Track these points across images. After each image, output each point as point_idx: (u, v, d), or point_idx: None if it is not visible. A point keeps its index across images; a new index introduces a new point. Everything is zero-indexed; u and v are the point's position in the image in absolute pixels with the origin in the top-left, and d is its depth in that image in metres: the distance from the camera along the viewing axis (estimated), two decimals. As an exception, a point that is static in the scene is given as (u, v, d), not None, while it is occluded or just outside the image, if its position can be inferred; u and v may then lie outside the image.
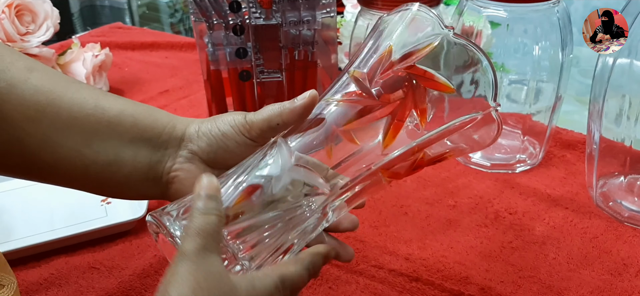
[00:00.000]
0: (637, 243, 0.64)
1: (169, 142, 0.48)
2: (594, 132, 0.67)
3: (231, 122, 0.47)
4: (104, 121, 0.47)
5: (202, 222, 0.39)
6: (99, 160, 0.47)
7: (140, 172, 0.48)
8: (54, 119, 0.46)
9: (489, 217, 0.68)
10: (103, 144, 0.47)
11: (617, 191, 0.69)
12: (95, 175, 0.48)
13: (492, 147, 0.79)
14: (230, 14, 0.74)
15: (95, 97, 0.48)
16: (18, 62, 0.46)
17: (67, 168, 0.47)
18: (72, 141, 0.46)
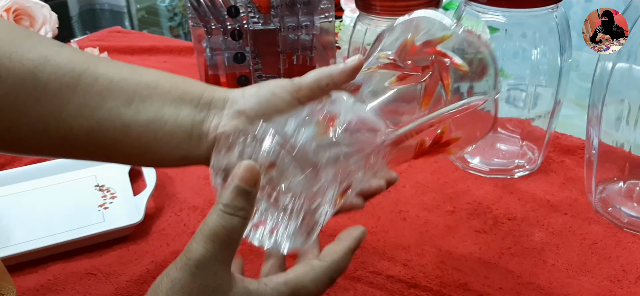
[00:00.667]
0: (636, 249, 0.63)
1: (211, 103, 0.47)
2: (592, 137, 0.67)
3: (279, 84, 0.47)
4: (142, 84, 0.46)
5: (221, 223, 0.36)
6: (139, 120, 0.45)
7: (183, 129, 0.46)
8: (92, 84, 0.44)
9: (487, 222, 0.68)
10: (143, 104, 0.45)
11: (616, 197, 0.69)
12: (137, 136, 0.45)
13: (490, 152, 0.79)
14: (228, 19, 0.74)
15: (129, 66, 0.47)
16: (47, 40, 0.45)
17: (106, 131, 0.45)
18: (112, 102, 0.45)
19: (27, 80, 0.43)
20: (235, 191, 0.36)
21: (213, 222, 0.36)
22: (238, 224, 0.36)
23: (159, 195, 0.74)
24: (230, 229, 0.36)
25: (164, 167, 0.49)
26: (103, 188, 0.74)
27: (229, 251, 0.36)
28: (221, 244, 0.36)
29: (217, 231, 0.35)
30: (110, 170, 0.78)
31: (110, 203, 0.72)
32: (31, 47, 0.44)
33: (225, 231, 0.36)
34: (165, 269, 0.37)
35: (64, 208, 0.71)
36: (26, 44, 0.44)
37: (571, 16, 2.22)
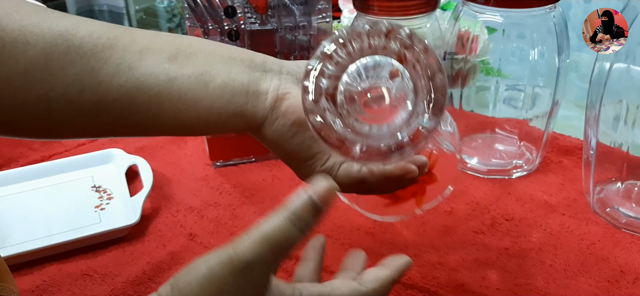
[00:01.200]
0: (634, 250, 0.63)
1: (265, 65, 0.44)
2: (590, 138, 0.67)
3: None
4: (185, 42, 0.43)
5: (283, 231, 0.34)
6: (186, 72, 0.42)
7: (238, 83, 0.42)
8: (129, 44, 0.42)
9: (485, 223, 0.68)
10: (188, 59, 0.42)
11: (614, 197, 0.69)
12: (185, 89, 0.41)
13: (488, 152, 0.78)
14: (225, 19, 0.74)
15: (166, 33, 0.44)
16: (74, 16, 0.43)
17: (149, 88, 0.41)
18: (153, 59, 0.42)
19: (59, 43, 0.40)
20: (309, 204, 0.34)
21: (275, 227, 0.34)
22: (298, 237, 0.34)
23: (156, 196, 0.74)
24: (290, 240, 0.34)
25: (213, 131, 0.44)
26: (100, 189, 0.74)
27: (280, 260, 0.35)
28: (276, 251, 0.34)
29: (276, 237, 0.34)
30: (107, 170, 0.77)
31: (107, 204, 0.71)
32: (59, 16, 0.41)
33: (285, 241, 0.34)
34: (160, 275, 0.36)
35: (60, 209, 0.71)
36: (54, 15, 0.42)
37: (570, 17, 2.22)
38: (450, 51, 0.73)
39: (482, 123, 0.80)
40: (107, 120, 0.42)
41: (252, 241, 0.34)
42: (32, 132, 0.44)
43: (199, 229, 0.68)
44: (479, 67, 0.79)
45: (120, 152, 0.79)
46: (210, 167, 0.80)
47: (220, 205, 0.72)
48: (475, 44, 0.74)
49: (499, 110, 0.78)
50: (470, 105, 0.78)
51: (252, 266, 0.34)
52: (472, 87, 0.77)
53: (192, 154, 0.83)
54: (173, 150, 0.84)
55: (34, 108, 0.41)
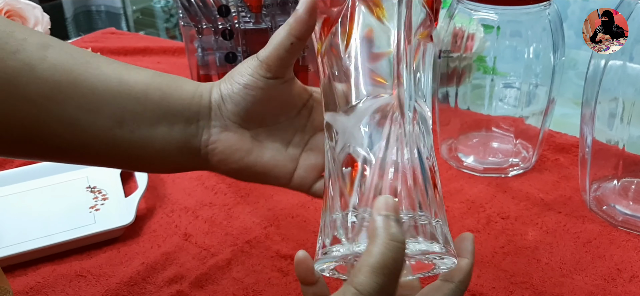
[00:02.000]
0: (631, 247, 0.63)
1: (199, 114, 0.46)
2: (586, 136, 0.66)
3: (248, 71, 0.44)
4: (132, 99, 0.44)
5: (390, 255, 0.34)
6: (132, 140, 0.45)
7: (174, 146, 0.46)
8: (79, 100, 0.43)
9: (480, 222, 0.67)
10: (135, 123, 0.44)
11: (610, 195, 0.68)
12: (126, 152, 0.45)
13: (484, 151, 0.78)
14: (219, 18, 0.73)
15: (118, 72, 0.44)
16: (32, 37, 0.42)
17: (95, 147, 0.44)
18: (101, 122, 0.43)
19: (8, 91, 0.41)
20: (396, 222, 0.35)
21: (381, 254, 0.34)
22: (402, 254, 0.35)
23: (151, 196, 0.73)
24: (398, 260, 0.35)
25: (157, 173, 0.49)
26: (94, 189, 0.74)
27: (396, 282, 0.35)
28: (391, 276, 0.35)
29: (386, 263, 0.34)
30: (101, 171, 0.77)
31: (102, 204, 0.71)
32: (15, 51, 0.41)
33: (394, 263, 0.34)
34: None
35: (54, 210, 0.70)
36: (9, 47, 0.41)
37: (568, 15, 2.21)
38: (445, 49, 0.73)
39: (477, 122, 0.80)
40: (64, 159, 0.47)
41: (367, 275, 0.34)
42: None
43: (194, 229, 0.68)
44: (475, 65, 0.79)
45: (115, 152, 0.79)
46: (206, 167, 0.80)
47: (215, 205, 0.72)
48: (470, 42, 0.74)
49: (495, 108, 0.78)
50: (466, 103, 0.78)
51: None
52: (467, 85, 0.77)
53: (188, 154, 0.82)
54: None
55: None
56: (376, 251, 0.34)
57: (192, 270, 0.62)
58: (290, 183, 0.47)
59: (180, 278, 0.61)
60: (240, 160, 0.46)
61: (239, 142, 0.46)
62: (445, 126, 0.79)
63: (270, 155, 0.46)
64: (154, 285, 0.60)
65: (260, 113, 0.45)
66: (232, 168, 0.46)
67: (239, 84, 0.44)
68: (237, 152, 0.46)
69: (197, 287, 0.60)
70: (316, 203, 0.71)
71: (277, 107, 0.46)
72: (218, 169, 0.47)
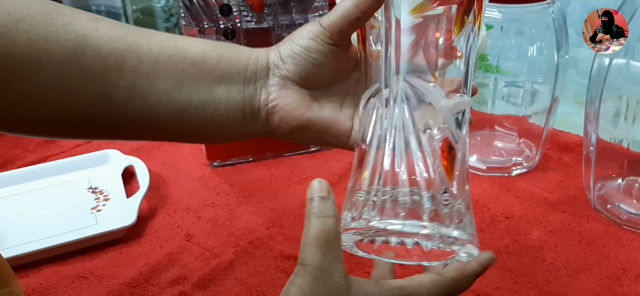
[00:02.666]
0: (636, 246, 0.63)
1: (257, 74, 0.46)
2: (590, 134, 0.66)
3: (310, 35, 0.45)
4: (189, 60, 0.45)
5: (319, 227, 0.38)
6: (193, 102, 0.45)
7: (237, 108, 0.46)
8: (137, 66, 0.43)
9: (485, 221, 0.67)
10: (194, 85, 0.45)
11: (615, 194, 0.68)
12: (192, 118, 0.45)
13: (487, 150, 0.78)
14: (221, 17, 0.73)
15: (171, 38, 0.45)
16: (79, 13, 0.43)
17: (160, 116, 0.45)
18: (162, 86, 0.44)
19: (70, 63, 0.41)
20: (320, 200, 0.38)
21: (312, 230, 0.38)
22: (333, 223, 0.38)
23: (153, 197, 0.73)
24: (328, 230, 0.38)
25: (224, 142, 0.52)
26: (96, 190, 0.74)
27: (336, 251, 0.38)
28: (326, 245, 0.38)
29: (318, 235, 0.38)
30: (103, 172, 0.77)
31: (103, 205, 0.71)
32: (66, 24, 0.42)
33: (325, 234, 0.38)
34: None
35: (56, 211, 0.70)
36: (60, 22, 0.42)
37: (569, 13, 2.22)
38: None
39: (481, 121, 0.80)
40: (133, 133, 0.47)
41: (307, 251, 0.38)
42: (58, 136, 0.47)
43: (196, 230, 0.67)
44: (478, 64, 0.79)
45: (116, 152, 0.78)
46: (208, 167, 0.79)
47: (217, 206, 0.71)
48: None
49: (498, 107, 0.77)
50: (469, 102, 0.78)
51: (322, 266, 0.38)
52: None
53: (189, 154, 0.82)
54: (170, 151, 0.83)
55: (50, 123, 0.44)
56: (307, 229, 0.38)
57: (195, 271, 0.61)
58: (348, 142, 0.48)
59: (183, 279, 0.60)
60: (301, 115, 0.46)
61: (299, 99, 0.46)
62: (448, 125, 0.79)
63: (327, 113, 0.47)
64: (156, 286, 0.60)
65: (318, 75, 0.46)
66: (294, 125, 0.46)
67: (300, 46, 0.45)
68: (298, 108, 0.46)
69: (200, 288, 0.59)
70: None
71: (334, 69, 0.46)
72: (280, 129, 0.47)
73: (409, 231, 0.38)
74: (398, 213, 0.39)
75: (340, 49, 0.45)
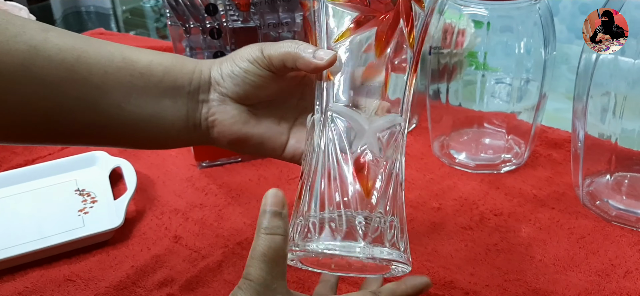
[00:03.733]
0: (625, 242, 0.62)
1: (200, 88, 0.48)
2: (578, 130, 0.66)
3: (250, 58, 0.47)
4: (137, 73, 0.46)
5: (267, 244, 0.38)
6: (141, 114, 0.47)
7: (181, 120, 0.48)
8: (87, 77, 0.45)
9: (474, 219, 0.67)
10: (142, 97, 0.47)
11: (603, 190, 0.68)
12: (141, 129, 0.47)
13: (476, 147, 0.78)
14: (207, 17, 0.72)
15: (120, 50, 0.47)
16: (30, 23, 0.44)
17: (110, 126, 0.47)
18: (111, 98, 0.46)
19: (21, 75, 0.42)
20: (271, 215, 0.39)
21: (260, 246, 0.39)
22: (281, 241, 0.39)
23: (140, 199, 0.73)
24: (276, 248, 0.39)
25: (172, 148, 0.55)
26: (83, 192, 0.73)
27: (281, 267, 0.39)
28: (272, 262, 0.38)
29: (265, 252, 0.38)
30: (90, 174, 0.76)
31: (91, 207, 0.70)
32: (16, 34, 0.43)
33: (272, 251, 0.38)
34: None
35: (43, 213, 0.69)
36: (10, 31, 0.43)
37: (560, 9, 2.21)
38: (435, 46, 0.73)
39: (469, 118, 0.80)
40: (85, 141, 0.50)
41: (253, 265, 0.39)
42: (17, 142, 0.52)
43: (184, 231, 0.67)
44: (467, 61, 0.78)
45: (103, 154, 0.78)
46: (196, 168, 0.79)
47: (205, 207, 0.71)
48: (461, 37, 0.73)
49: (487, 104, 0.77)
50: (457, 100, 0.77)
51: (265, 282, 0.38)
52: (459, 82, 0.77)
53: (177, 155, 0.82)
54: (157, 152, 0.82)
55: (5, 131, 0.45)
56: (255, 244, 0.39)
57: (183, 273, 0.61)
58: (283, 154, 0.50)
59: (171, 281, 0.60)
60: (238, 130, 0.49)
61: (237, 115, 0.48)
62: (437, 123, 0.79)
63: (264, 128, 0.49)
64: (144, 289, 0.59)
65: (257, 94, 0.48)
66: (231, 139, 0.49)
67: (239, 68, 0.47)
68: (235, 124, 0.48)
69: (188, 290, 0.59)
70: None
71: (273, 90, 0.49)
72: (218, 141, 0.49)
73: (344, 255, 0.40)
74: (334, 235, 0.40)
75: (278, 76, 0.48)
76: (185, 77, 0.48)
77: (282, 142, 0.50)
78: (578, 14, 2.10)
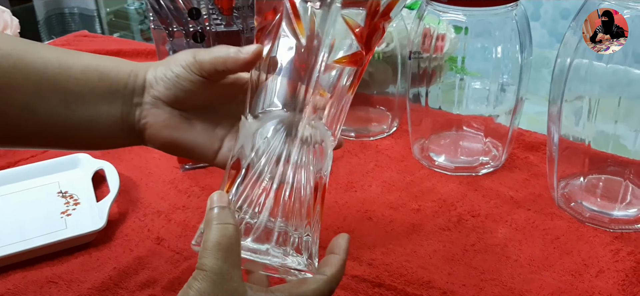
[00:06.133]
0: (597, 243, 0.64)
1: (134, 91, 0.49)
2: (553, 134, 0.67)
3: (182, 63, 0.48)
4: (72, 79, 0.47)
5: (220, 234, 0.39)
6: (78, 119, 0.48)
7: (116, 124, 0.49)
8: (24, 84, 0.46)
9: (452, 220, 0.68)
10: (78, 103, 0.48)
11: (578, 192, 0.70)
12: (80, 132, 0.49)
13: (455, 149, 0.79)
14: (190, 21, 0.73)
15: (56, 55, 0.48)
16: None
17: (50, 131, 0.48)
18: (49, 104, 0.47)
19: None
20: (220, 209, 0.41)
21: (214, 236, 0.39)
22: (234, 230, 0.40)
23: (123, 200, 0.73)
24: (229, 236, 0.39)
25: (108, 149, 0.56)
26: (66, 194, 0.73)
27: (235, 256, 0.40)
28: (227, 250, 0.39)
29: (219, 241, 0.39)
30: (73, 176, 0.77)
31: (73, 209, 0.71)
32: None
33: (226, 239, 0.39)
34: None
35: (26, 216, 0.70)
36: None
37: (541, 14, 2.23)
38: (415, 51, 0.74)
39: (448, 121, 0.81)
40: (27, 145, 0.52)
41: (207, 256, 0.39)
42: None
43: (167, 233, 0.67)
44: (447, 65, 0.80)
45: (86, 156, 0.78)
46: (179, 170, 0.79)
47: (188, 209, 0.72)
48: (441, 42, 0.75)
49: (465, 107, 0.79)
50: (437, 103, 0.79)
51: (221, 272, 0.39)
52: (438, 85, 0.78)
53: (160, 157, 0.82)
54: (140, 154, 0.83)
55: None
56: (209, 235, 0.39)
57: (165, 274, 0.61)
58: (214, 161, 0.51)
59: (153, 282, 0.61)
60: (168, 135, 0.49)
61: (168, 119, 0.49)
62: (417, 126, 0.80)
63: (196, 133, 0.50)
64: (126, 290, 0.60)
65: (189, 100, 0.49)
66: (162, 143, 0.50)
67: (172, 72, 0.48)
68: (166, 128, 0.49)
69: (170, 291, 0.59)
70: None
71: (208, 96, 0.49)
72: (150, 143, 0.50)
73: (257, 260, 0.42)
74: (259, 237, 0.43)
75: (209, 82, 0.48)
76: (120, 80, 0.49)
77: (214, 148, 0.51)
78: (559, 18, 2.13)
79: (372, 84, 0.87)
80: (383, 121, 0.88)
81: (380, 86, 0.87)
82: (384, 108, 0.89)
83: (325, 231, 0.67)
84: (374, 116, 0.89)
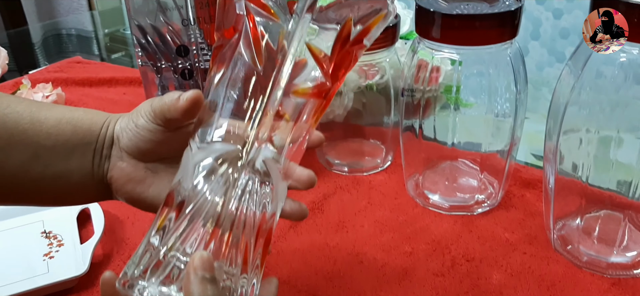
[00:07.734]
0: (594, 290, 0.62)
1: (105, 144, 0.48)
2: (549, 175, 0.66)
3: (141, 112, 0.47)
4: (43, 133, 0.46)
5: None
6: (49, 174, 0.47)
7: (88, 178, 0.48)
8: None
9: (445, 264, 0.66)
10: (49, 157, 0.46)
11: (574, 233, 0.68)
12: (49, 187, 0.47)
13: (450, 187, 0.77)
14: (178, 57, 0.72)
15: (29, 110, 0.47)
16: None
17: (18, 185, 0.46)
18: (17, 158, 0.46)
19: None
20: (211, 284, 0.36)
21: None
22: None
23: (108, 241, 0.71)
24: None
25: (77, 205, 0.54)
26: (50, 235, 0.72)
27: None
28: None
29: None
30: (57, 215, 0.75)
31: (56, 251, 0.69)
32: None
33: None
34: None
35: (7, 258, 0.68)
36: None
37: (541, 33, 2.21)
38: (408, 88, 0.72)
39: (443, 155, 0.79)
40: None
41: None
42: None
43: (152, 277, 0.65)
44: (442, 97, 0.78)
45: (72, 194, 0.76)
46: (167, 208, 0.77)
47: (174, 250, 0.70)
48: (435, 73, 0.73)
49: (460, 142, 0.77)
50: (431, 136, 0.77)
51: None
52: (432, 118, 0.76)
53: (149, 194, 0.80)
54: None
55: None
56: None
57: (148, 323, 0.59)
58: None
59: (135, 332, 0.59)
60: (132, 190, 0.48)
61: (132, 172, 0.48)
62: (410, 160, 0.78)
63: (162, 186, 0.48)
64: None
65: (152, 150, 0.48)
66: (126, 198, 0.49)
67: (133, 122, 0.48)
68: (129, 182, 0.48)
69: (152, 341, 0.57)
70: (278, 229, 0.69)
71: (170, 147, 0.48)
72: (118, 198, 0.49)
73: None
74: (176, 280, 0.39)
75: (167, 130, 0.47)
76: (93, 133, 0.48)
77: None
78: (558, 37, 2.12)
79: (365, 115, 0.86)
80: (377, 155, 0.86)
81: (374, 117, 0.86)
82: (378, 141, 0.88)
83: (315, 276, 0.65)
84: (368, 149, 0.87)
